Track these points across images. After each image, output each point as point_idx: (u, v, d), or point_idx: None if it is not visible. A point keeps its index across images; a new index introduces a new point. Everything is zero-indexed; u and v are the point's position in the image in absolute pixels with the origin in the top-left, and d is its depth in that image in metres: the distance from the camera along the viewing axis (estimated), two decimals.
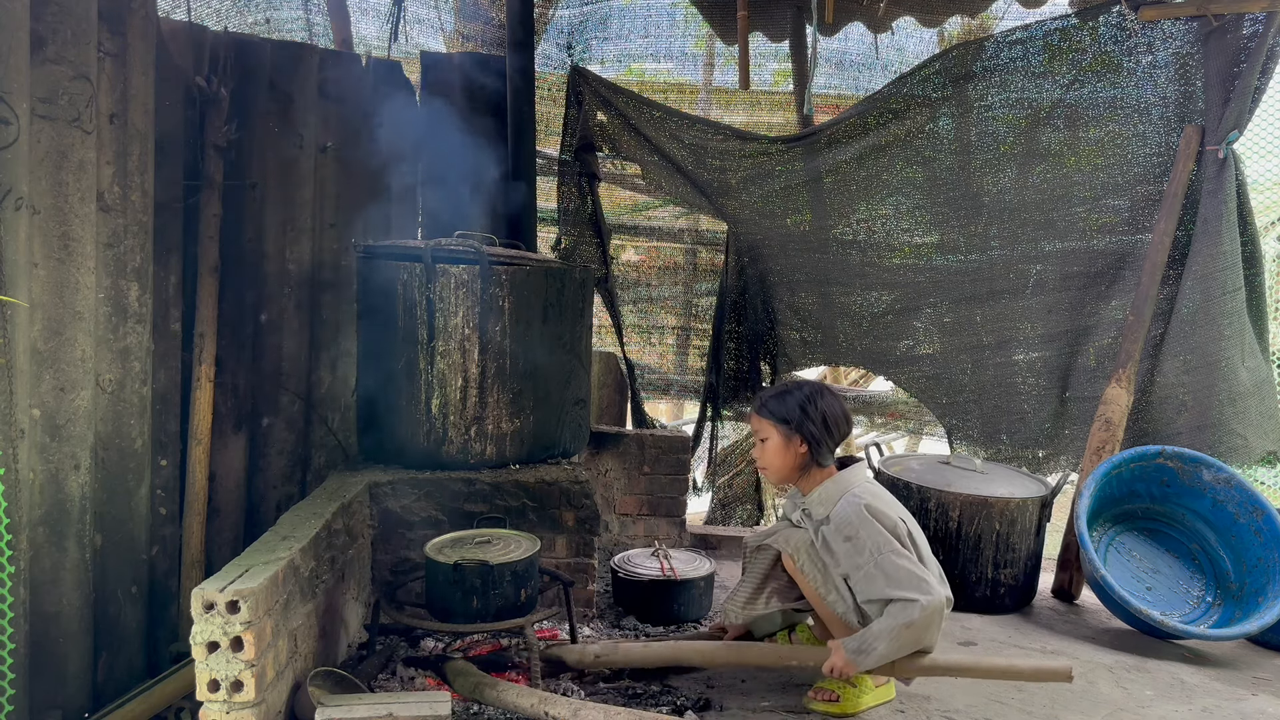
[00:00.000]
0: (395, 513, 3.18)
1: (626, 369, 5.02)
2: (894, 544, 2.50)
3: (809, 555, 2.66)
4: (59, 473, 2.63)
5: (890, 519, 2.55)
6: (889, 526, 2.53)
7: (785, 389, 2.72)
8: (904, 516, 2.63)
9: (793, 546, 2.70)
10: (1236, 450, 3.91)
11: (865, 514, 2.53)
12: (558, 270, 3.45)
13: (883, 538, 2.50)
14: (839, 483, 2.66)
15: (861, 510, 2.54)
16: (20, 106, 2.43)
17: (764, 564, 2.82)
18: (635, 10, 5.40)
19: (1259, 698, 2.96)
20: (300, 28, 5.07)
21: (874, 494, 2.63)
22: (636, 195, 5.84)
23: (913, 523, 2.66)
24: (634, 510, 4.34)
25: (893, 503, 2.66)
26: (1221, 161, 3.95)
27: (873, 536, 2.51)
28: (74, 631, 2.67)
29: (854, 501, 2.57)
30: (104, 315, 2.81)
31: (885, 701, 2.77)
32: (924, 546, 2.64)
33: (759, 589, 2.81)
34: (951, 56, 4.39)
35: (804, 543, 2.68)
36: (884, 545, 2.50)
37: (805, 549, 2.67)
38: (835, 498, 2.62)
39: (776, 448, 2.69)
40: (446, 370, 3.24)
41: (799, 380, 2.72)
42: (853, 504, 2.56)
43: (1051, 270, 4.44)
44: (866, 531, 2.52)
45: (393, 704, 2.23)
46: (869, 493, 2.62)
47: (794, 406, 2.65)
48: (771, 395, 2.73)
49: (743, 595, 2.83)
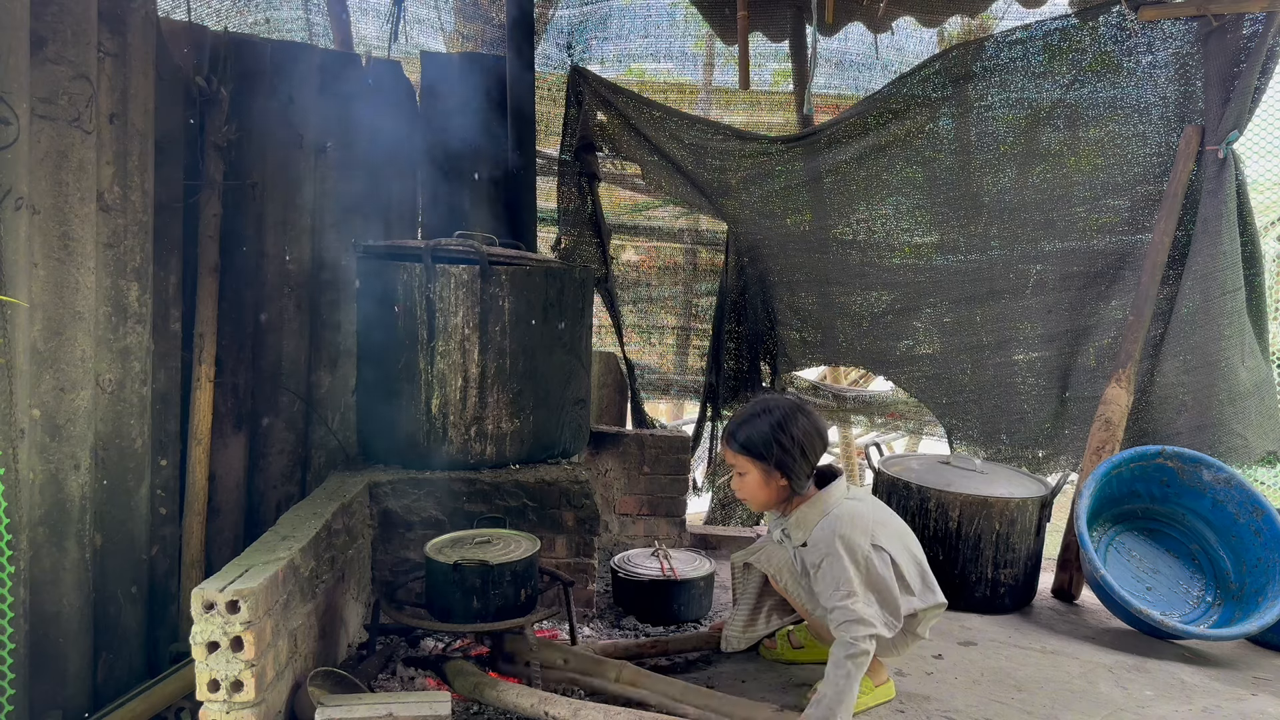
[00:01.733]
0: (395, 513, 3.18)
1: (626, 369, 5.02)
2: (851, 582, 2.44)
3: (791, 576, 2.68)
4: (59, 473, 2.63)
5: (860, 551, 2.48)
6: (857, 560, 2.48)
7: (754, 414, 2.62)
8: (879, 542, 2.53)
9: (774, 568, 2.72)
10: (1236, 450, 3.91)
11: (836, 545, 2.47)
12: (558, 270, 3.45)
13: (844, 575, 2.45)
14: (815, 506, 2.61)
15: (834, 541, 2.48)
16: (20, 106, 2.43)
17: (755, 585, 2.85)
18: (635, 10, 5.40)
19: (1259, 698, 2.96)
20: (300, 28, 5.07)
21: (851, 517, 2.54)
22: (636, 195, 5.84)
23: (895, 538, 2.60)
24: (634, 510, 4.34)
25: (868, 525, 2.55)
26: (1221, 161, 3.95)
27: (834, 571, 2.46)
28: (74, 631, 2.67)
29: (828, 529, 2.51)
30: (104, 315, 2.81)
31: (885, 701, 2.77)
32: (906, 563, 2.59)
33: (755, 610, 2.84)
34: (951, 56, 4.39)
35: (785, 564, 2.69)
36: (841, 583, 2.45)
37: (788, 569, 2.69)
38: (813, 522, 2.58)
39: (757, 483, 2.63)
40: (446, 370, 3.24)
41: (767, 402, 2.65)
42: (826, 531, 2.51)
43: (1051, 270, 4.44)
44: (829, 564, 2.47)
45: (393, 704, 2.23)
46: (846, 515, 2.54)
47: (768, 439, 2.55)
48: (741, 424, 2.63)
49: (741, 619, 2.85)
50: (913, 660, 3.12)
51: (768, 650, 3.05)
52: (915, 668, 3.07)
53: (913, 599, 2.59)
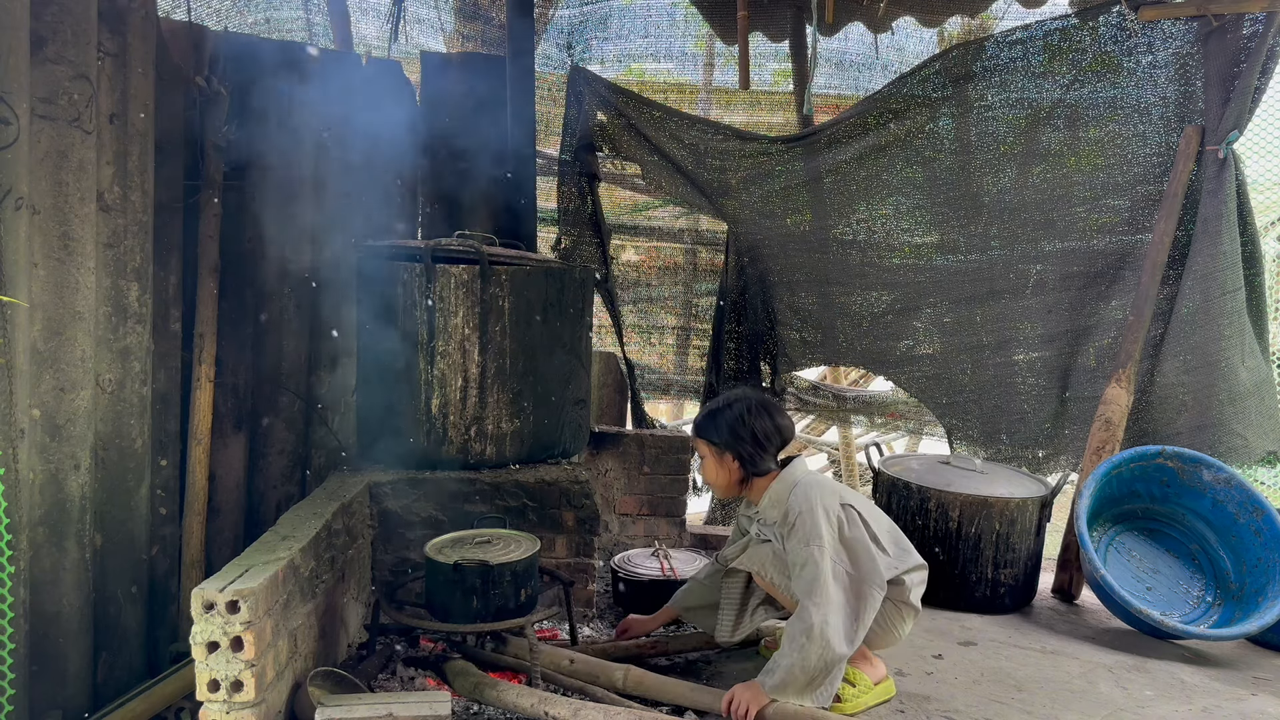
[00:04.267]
0: (395, 513, 3.18)
1: (626, 369, 5.02)
2: (822, 537, 2.53)
3: (775, 566, 2.71)
4: (59, 473, 2.63)
5: (832, 511, 2.60)
6: (830, 519, 2.59)
7: (718, 407, 2.78)
8: (847, 500, 2.68)
9: (758, 564, 2.76)
10: (1236, 450, 3.91)
11: (810, 502, 2.59)
12: (558, 270, 3.45)
13: (816, 530, 2.54)
14: (784, 481, 2.72)
15: (806, 500, 2.60)
16: (20, 106, 2.43)
17: (738, 587, 2.88)
18: (635, 10, 5.40)
19: (1259, 698, 2.96)
20: (300, 28, 5.08)
21: (819, 482, 2.70)
22: (636, 195, 5.84)
23: (862, 500, 2.74)
24: (634, 510, 4.34)
25: (836, 487, 2.73)
26: (1221, 161, 3.95)
27: (805, 528, 2.56)
28: (74, 631, 2.67)
29: (800, 493, 2.64)
30: (104, 315, 2.81)
31: (885, 700, 2.77)
32: (877, 520, 2.72)
33: (742, 610, 2.88)
34: (951, 56, 4.39)
35: (768, 556, 2.74)
36: (813, 538, 2.54)
37: (770, 561, 2.73)
38: (784, 495, 2.69)
39: (711, 466, 2.79)
40: (446, 370, 3.24)
41: (734, 396, 2.81)
42: (799, 496, 2.63)
43: (1051, 270, 4.44)
44: (800, 522, 2.58)
45: (393, 704, 2.23)
46: (814, 481, 2.69)
47: (723, 427, 2.73)
48: (705, 414, 2.82)
49: (728, 622, 2.89)
50: (913, 660, 3.12)
51: (767, 650, 3.05)
52: (915, 667, 3.07)
53: (888, 558, 2.65)
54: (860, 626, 2.53)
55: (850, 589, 2.54)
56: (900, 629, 2.74)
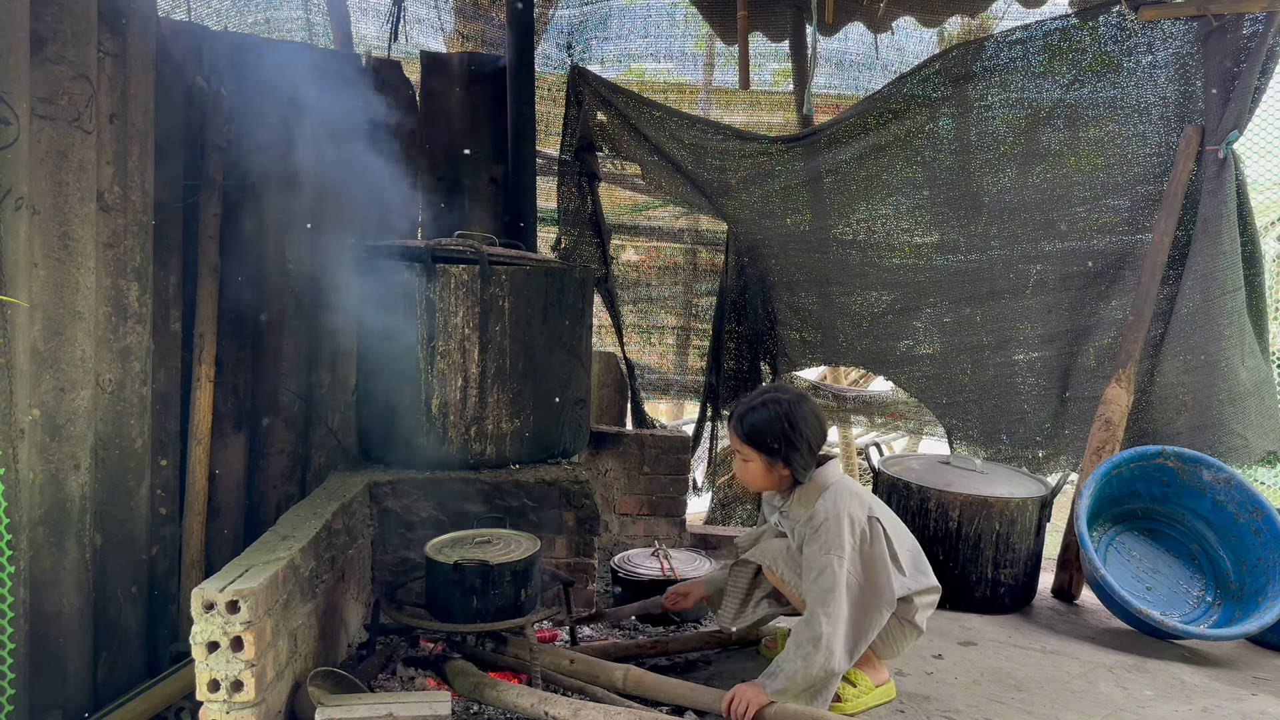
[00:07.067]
0: (395, 513, 3.18)
1: (626, 369, 5.02)
2: (844, 547, 2.51)
3: (787, 563, 2.72)
4: (59, 473, 2.63)
5: (858, 523, 2.57)
6: (855, 530, 2.55)
7: (761, 403, 2.67)
8: (875, 513, 2.63)
9: (770, 558, 2.76)
10: (1236, 450, 3.91)
11: (838, 510, 2.55)
12: (558, 270, 3.45)
13: (839, 540, 2.52)
14: (816, 482, 2.69)
15: (835, 508, 2.56)
16: (20, 106, 2.43)
17: (746, 577, 2.89)
18: (635, 10, 5.40)
19: (1259, 698, 2.96)
20: (300, 28, 5.08)
21: (850, 491, 2.64)
22: (636, 195, 5.84)
23: (889, 516, 2.70)
24: (634, 510, 4.34)
25: (866, 499, 2.67)
26: (1221, 161, 3.95)
27: (829, 535, 2.53)
28: (74, 631, 2.67)
29: (830, 498, 2.60)
30: (104, 315, 2.81)
31: (886, 701, 2.77)
32: (900, 538, 2.69)
33: (745, 600, 2.88)
34: (951, 56, 4.39)
35: (781, 552, 2.74)
36: (834, 545, 2.51)
37: (783, 557, 2.73)
38: (814, 497, 2.65)
39: (760, 471, 2.71)
40: (446, 370, 3.24)
41: (771, 392, 2.72)
42: (829, 501, 2.59)
43: (1051, 270, 4.44)
44: (826, 528, 2.55)
45: (393, 704, 2.23)
46: (846, 489, 2.64)
47: (776, 431, 2.62)
48: (747, 411, 2.69)
49: (731, 609, 2.90)
50: (913, 660, 3.12)
51: (768, 650, 3.05)
52: (915, 668, 3.07)
53: (904, 579, 2.63)
54: (863, 642, 2.54)
55: (860, 604, 2.53)
56: (901, 645, 2.75)
